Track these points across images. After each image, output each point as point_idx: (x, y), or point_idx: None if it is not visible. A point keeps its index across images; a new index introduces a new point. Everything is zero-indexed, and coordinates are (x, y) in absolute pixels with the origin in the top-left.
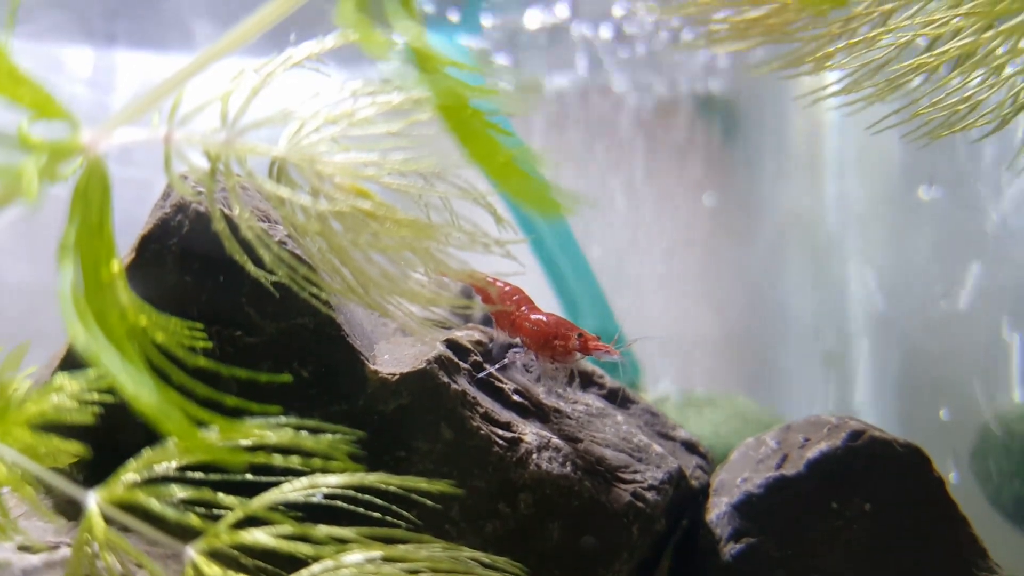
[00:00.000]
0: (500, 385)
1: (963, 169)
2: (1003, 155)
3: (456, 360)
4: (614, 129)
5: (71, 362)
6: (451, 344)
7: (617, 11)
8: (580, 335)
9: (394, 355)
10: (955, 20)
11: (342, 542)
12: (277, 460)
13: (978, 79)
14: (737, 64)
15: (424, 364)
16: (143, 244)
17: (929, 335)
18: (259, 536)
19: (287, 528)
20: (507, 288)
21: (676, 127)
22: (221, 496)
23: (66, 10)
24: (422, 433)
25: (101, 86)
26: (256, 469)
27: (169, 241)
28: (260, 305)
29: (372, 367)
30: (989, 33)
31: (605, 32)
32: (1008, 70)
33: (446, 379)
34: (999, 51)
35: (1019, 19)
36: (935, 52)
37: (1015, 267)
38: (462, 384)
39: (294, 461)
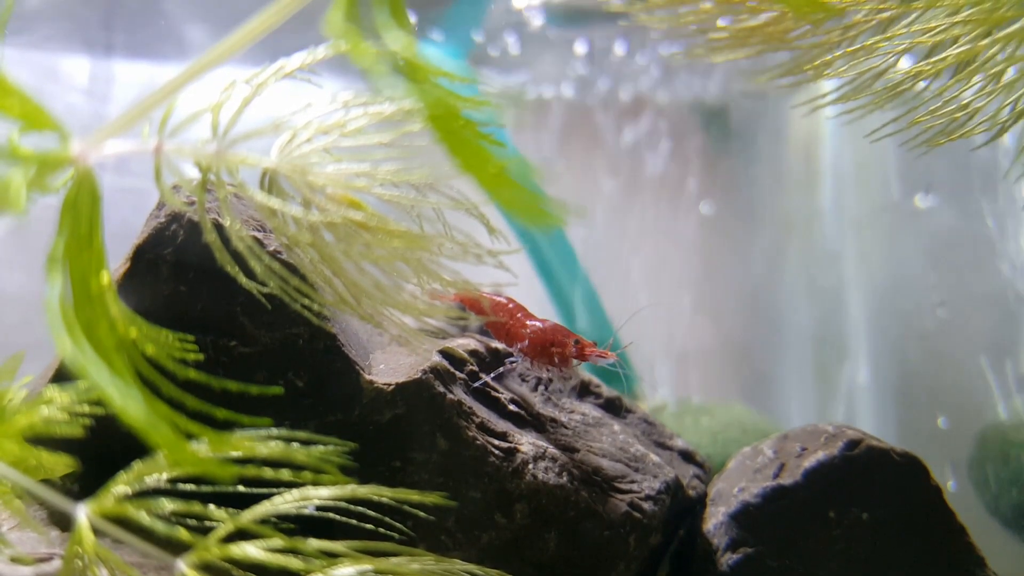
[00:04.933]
0: (496, 395)
1: (960, 177)
2: (1000, 163)
3: (452, 370)
4: (610, 138)
5: (63, 374)
6: (447, 354)
7: (615, 20)
8: (577, 341)
9: (390, 365)
10: (953, 28)
11: (333, 555)
12: (267, 473)
13: (976, 86)
14: (735, 72)
15: (419, 374)
16: (138, 254)
17: (926, 343)
18: (249, 550)
19: (277, 541)
20: (500, 299)
21: (673, 136)
22: (212, 509)
23: (63, 20)
24: (418, 443)
25: (98, 96)
26: (249, 481)
27: (163, 251)
28: (254, 315)
29: (367, 377)
30: (987, 40)
31: (602, 42)
32: (1007, 76)
33: (442, 389)
34: (997, 58)
35: (1016, 26)
36: (933, 59)
37: (1012, 275)
38: (458, 394)
39: (285, 474)
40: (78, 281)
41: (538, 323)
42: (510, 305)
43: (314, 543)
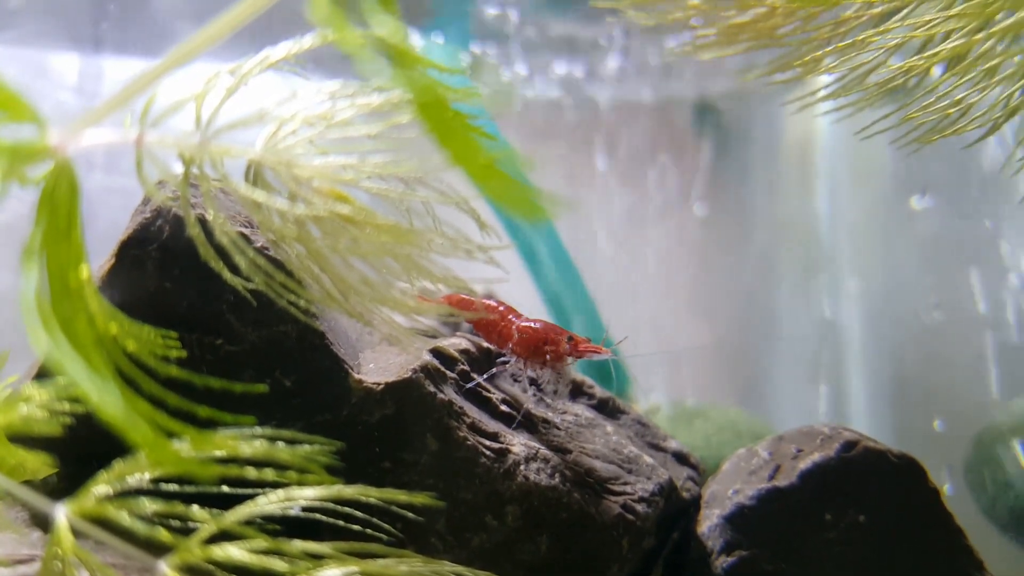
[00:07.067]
0: (488, 395)
1: (956, 178)
2: (996, 162)
3: (443, 369)
4: (604, 138)
5: (45, 372)
6: (437, 353)
7: (607, 18)
8: (570, 338)
9: (379, 364)
10: (946, 22)
11: (318, 557)
12: (251, 473)
13: (969, 82)
14: (728, 72)
15: (409, 373)
16: (123, 249)
17: (922, 345)
18: (232, 551)
19: (261, 543)
20: (490, 302)
21: (667, 136)
22: (195, 509)
23: (52, 16)
24: (408, 444)
25: (87, 93)
26: (233, 482)
27: (149, 246)
28: (241, 312)
29: (356, 376)
30: (981, 35)
31: (595, 40)
32: (1001, 71)
33: (432, 389)
34: (992, 52)
35: (1011, 20)
36: (926, 55)
37: (1009, 276)
38: (448, 394)
39: (269, 474)
40: (56, 275)
41: (530, 322)
42: (501, 307)
43: (299, 544)
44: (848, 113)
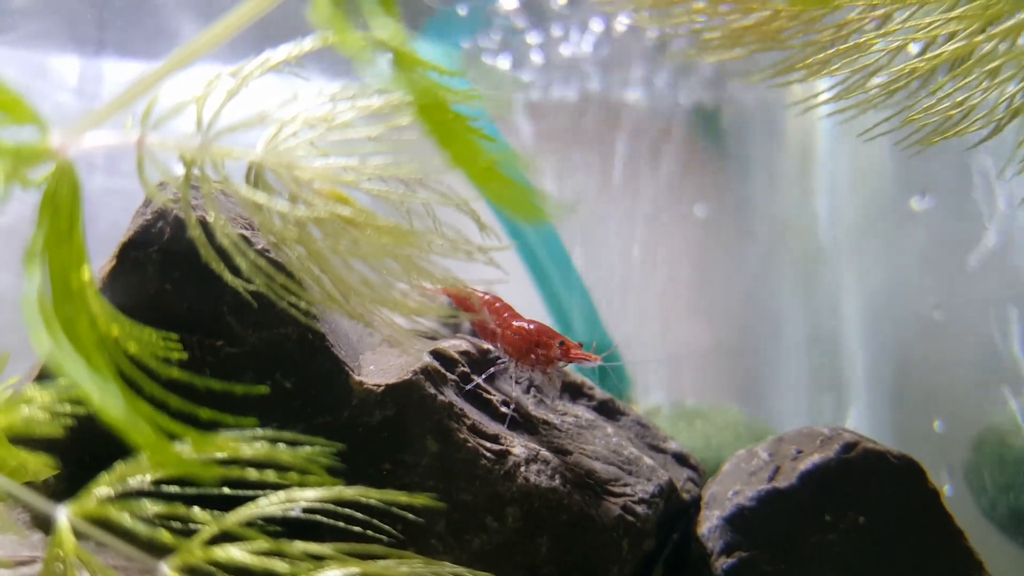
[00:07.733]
0: (488, 396)
1: (956, 179)
2: (997, 163)
3: (443, 371)
4: (604, 139)
5: (47, 373)
6: (438, 355)
7: (606, 21)
8: (562, 342)
9: (380, 366)
10: (949, 23)
11: (319, 558)
12: (252, 474)
13: (972, 83)
14: (729, 73)
15: (410, 375)
16: (123, 251)
17: (923, 346)
18: (233, 552)
19: (262, 544)
20: (487, 297)
21: (667, 137)
22: (197, 510)
23: (52, 17)
24: (408, 446)
25: (87, 95)
26: (235, 483)
27: (150, 248)
28: (241, 314)
29: (357, 378)
30: (982, 36)
31: (595, 42)
32: (1003, 72)
33: (432, 390)
34: (994, 53)
35: (1013, 20)
36: (928, 56)
37: (1009, 276)
38: (449, 395)
39: (270, 475)
40: (57, 276)
41: (524, 323)
42: (497, 304)
43: (300, 546)
44: (851, 115)
